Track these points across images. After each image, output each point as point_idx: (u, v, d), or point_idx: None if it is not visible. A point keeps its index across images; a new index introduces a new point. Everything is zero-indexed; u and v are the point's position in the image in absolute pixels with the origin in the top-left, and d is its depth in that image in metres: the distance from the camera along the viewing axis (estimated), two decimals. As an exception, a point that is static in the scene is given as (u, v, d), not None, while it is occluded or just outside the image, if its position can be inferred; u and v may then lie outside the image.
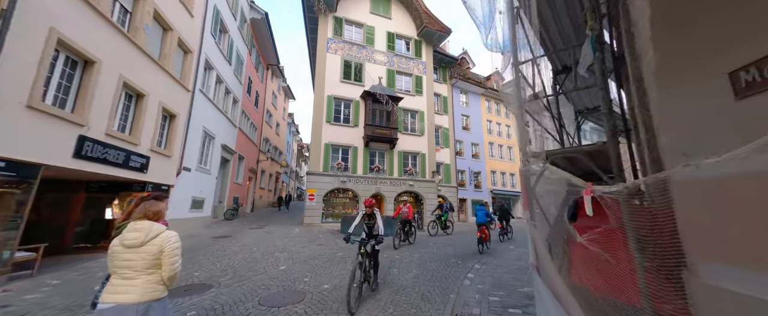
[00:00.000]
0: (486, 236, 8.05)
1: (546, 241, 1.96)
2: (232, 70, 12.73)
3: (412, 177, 15.05)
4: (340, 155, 13.88)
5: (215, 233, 9.34)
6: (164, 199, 2.22)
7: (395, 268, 5.77)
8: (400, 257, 6.87)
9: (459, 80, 21.21)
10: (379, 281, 4.71)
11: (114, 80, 5.87)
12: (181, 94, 8.49)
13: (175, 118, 8.30)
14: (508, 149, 24.16)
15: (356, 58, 15.22)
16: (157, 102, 7.36)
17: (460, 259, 6.84)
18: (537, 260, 2.11)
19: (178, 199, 8.70)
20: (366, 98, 14.26)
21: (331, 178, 13.34)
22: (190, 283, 4.62)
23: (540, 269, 2.04)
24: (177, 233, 2.14)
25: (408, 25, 17.28)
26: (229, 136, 13.01)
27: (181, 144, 8.67)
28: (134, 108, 6.81)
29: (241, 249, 7.13)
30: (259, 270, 5.35)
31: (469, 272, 5.68)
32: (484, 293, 4.43)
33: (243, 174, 15.55)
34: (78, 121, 5.10)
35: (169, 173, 8.12)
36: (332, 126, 13.90)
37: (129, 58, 6.32)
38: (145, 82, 6.87)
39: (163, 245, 1.89)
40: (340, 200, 13.76)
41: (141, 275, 1.84)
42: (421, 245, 8.72)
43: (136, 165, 6.69)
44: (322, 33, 14.68)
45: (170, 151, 8.12)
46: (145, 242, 1.87)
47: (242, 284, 4.56)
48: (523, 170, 2.36)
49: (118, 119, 6.32)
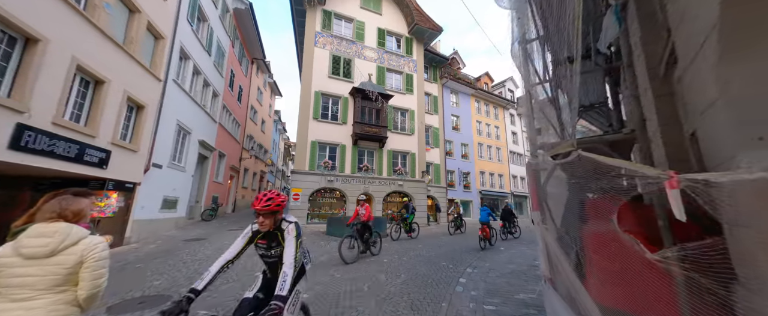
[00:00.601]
0: (487, 234, 8.68)
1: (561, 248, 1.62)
2: (211, 61, 11.96)
3: (402, 177, 14.69)
4: (328, 153, 13.34)
5: (189, 236, 8.63)
6: (88, 195, 1.70)
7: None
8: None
9: (449, 80, 21.08)
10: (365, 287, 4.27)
11: (64, 62, 5.16)
12: (150, 84, 7.76)
13: (143, 109, 7.56)
14: (496, 150, 24.27)
15: (345, 54, 14.72)
16: (120, 90, 6.63)
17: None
18: (551, 271, 1.75)
19: (147, 198, 7.94)
20: (355, 95, 13.79)
21: (318, 177, 12.78)
22: (145, 294, 4.02)
23: (556, 283, 1.69)
24: (104, 240, 1.65)
25: (399, 22, 16.94)
26: (208, 132, 12.21)
27: (150, 138, 7.92)
28: (92, 96, 6.08)
29: (214, 253, 6.51)
30: (230, 278, 4.80)
31: (461, 276, 5.34)
32: (479, 301, 4.08)
33: (223, 172, 14.72)
34: (16, 108, 4.39)
35: (135, 169, 7.37)
36: (319, 123, 13.34)
37: (85, 39, 5.60)
38: (106, 67, 6.15)
39: (85, 254, 1.40)
40: (327, 200, 13.22)
41: (45, 294, 1.34)
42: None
43: (93, 160, 5.96)
44: (310, 26, 14.11)
45: (137, 145, 7.38)
46: (57, 250, 1.36)
47: (208, 294, 4.01)
48: (532, 165, 2.01)
49: (70, 107, 5.59)
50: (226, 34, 13.72)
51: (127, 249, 6.75)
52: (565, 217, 1.79)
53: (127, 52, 6.76)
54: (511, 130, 26.18)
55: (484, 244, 8.51)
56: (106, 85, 6.17)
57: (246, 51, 17.67)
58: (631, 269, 1.30)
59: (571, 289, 1.47)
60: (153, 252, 6.50)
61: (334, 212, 13.07)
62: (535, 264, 6.51)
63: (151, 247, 7.05)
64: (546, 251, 1.84)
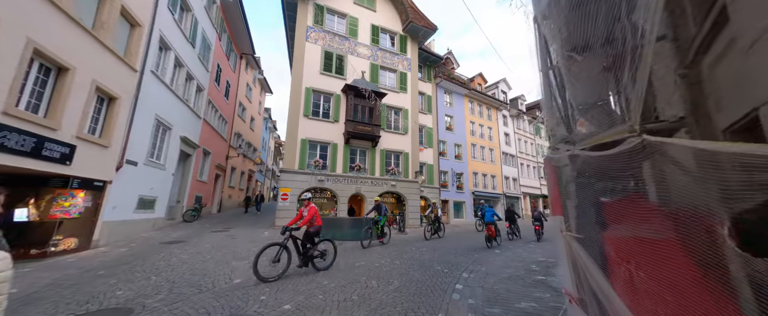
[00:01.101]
0: (493, 233, 9.10)
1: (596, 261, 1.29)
2: (196, 53, 11.34)
3: (395, 177, 14.35)
4: (318, 152, 12.88)
5: (167, 238, 8.04)
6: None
7: None
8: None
9: (443, 80, 20.90)
10: (355, 297, 3.90)
11: (18, 45, 4.59)
12: (124, 74, 7.17)
13: (115, 101, 6.97)
14: (489, 151, 24.24)
15: (338, 50, 14.29)
16: (88, 79, 6.05)
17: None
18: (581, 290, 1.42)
19: (120, 197, 7.34)
20: (348, 92, 13.38)
21: (308, 176, 12.30)
22: (104, 307, 3.53)
23: (587, 305, 1.36)
24: (8, 256, 1.27)
25: (393, 19, 16.62)
26: (191, 128, 11.57)
27: (123, 133, 7.32)
28: (54, 84, 5.49)
29: (191, 258, 6.00)
30: (204, 286, 4.33)
31: (458, 282, 5.02)
32: (477, 311, 3.76)
33: (208, 171, 14.04)
34: (-45, 93, 3.84)
35: (105, 166, 6.78)
36: (310, 120, 12.87)
37: (44, 20, 5.03)
38: (71, 53, 5.58)
39: None
40: (317, 200, 12.74)
41: None
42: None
43: (54, 155, 5.38)
44: (302, 20, 13.62)
45: (108, 140, 6.78)
46: None
47: (175, 307, 3.55)
48: (552, 159, 1.68)
49: (26, 96, 5.01)
50: (213, 26, 13.09)
51: (94, 253, 6.16)
52: (593, 222, 1.47)
53: (97, 39, 6.18)
54: (503, 132, 26.22)
55: (491, 243, 9.04)
56: (70, 73, 5.59)
57: (234, 45, 17.01)
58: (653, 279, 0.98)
59: (611, 313, 1.15)
60: (122, 257, 5.94)
61: (325, 212, 12.61)
62: (533, 268, 6.27)
63: (121, 251, 6.47)
64: (573, 265, 1.52)
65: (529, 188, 27.52)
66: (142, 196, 8.43)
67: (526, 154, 28.25)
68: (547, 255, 7.86)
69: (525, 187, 26.94)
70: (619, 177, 1.14)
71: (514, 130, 27.56)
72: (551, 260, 7.15)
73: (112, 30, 6.66)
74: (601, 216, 1.42)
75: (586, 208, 1.45)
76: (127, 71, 7.28)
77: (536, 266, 6.52)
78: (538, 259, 7.33)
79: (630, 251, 1.11)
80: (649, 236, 1.04)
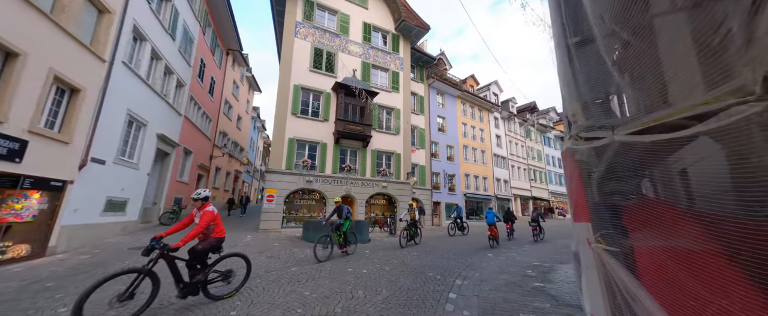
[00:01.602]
0: (495, 234, 9.58)
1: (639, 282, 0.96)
2: (176, 46, 10.69)
3: (386, 178, 13.98)
4: (307, 152, 12.39)
5: (138, 243, 7.40)
6: None
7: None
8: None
9: (436, 80, 20.72)
10: (339, 310, 3.48)
11: (-48, 23, 4.00)
12: (89, 63, 6.55)
13: (78, 93, 6.34)
14: (481, 153, 24.19)
15: (328, 47, 13.87)
16: (44, 68, 5.43)
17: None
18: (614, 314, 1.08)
19: (83, 199, 6.68)
20: (338, 91, 12.96)
21: (296, 177, 11.79)
22: (39, 328, 2.99)
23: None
24: None
25: (386, 17, 16.33)
26: (170, 125, 10.89)
27: (88, 128, 6.68)
28: (0, 71, 4.87)
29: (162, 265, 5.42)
30: (164, 300, 3.82)
31: (451, 290, 4.66)
32: (473, 325, 3.40)
33: (190, 171, 13.31)
34: None
35: (65, 164, 6.13)
36: (299, 119, 12.38)
37: (-11, -3, 4.44)
38: (21, 37, 4.98)
39: None
40: (305, 202, 12.24)
41: None
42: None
43: (1, 151, 4.76)
44: (291, 15, 13.15)
45: (69, 136, 6.15)
46: None
47: (127, 327, 3.04)
48: (572, 152, 1.35)
49: (-36, 83, 4.40)
50: (196, 19, 12.44)
51: (49, 261, 5.51)
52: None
53: (56, 23, 5.58)
54: (495, 134, 26.27)
55: (494, 243, 9.51)
56: (20, 59, 4.98)
57: (220, 40, 16.33)
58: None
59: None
60: (80, 265, 5.33)
61: (313, 215, 12.12)
62: (529, 274, 5.99)
63: (82, 258, 5.83)
64: (606, 286, 1.18)
65: (520, 190, 27.65)
66: (110, 197, 7.76)
67: (516, 157, 28.40)
68: (541, 259, 7.63)
69: (516, 188, 27.04)
70: (698, 171, 0.80)
71: (505, 133, 27.68)
72: (546, 264, 6.91)
73: (76, 15, 6.06)
74: (660, 227, 1.07)
75: (637, 215, 1.11)
76: (94, 61, 6.66)
77: (532, 271, 6.25)
78: (533, 263, 7.07)
79: (710, 278, 0.76)
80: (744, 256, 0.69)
